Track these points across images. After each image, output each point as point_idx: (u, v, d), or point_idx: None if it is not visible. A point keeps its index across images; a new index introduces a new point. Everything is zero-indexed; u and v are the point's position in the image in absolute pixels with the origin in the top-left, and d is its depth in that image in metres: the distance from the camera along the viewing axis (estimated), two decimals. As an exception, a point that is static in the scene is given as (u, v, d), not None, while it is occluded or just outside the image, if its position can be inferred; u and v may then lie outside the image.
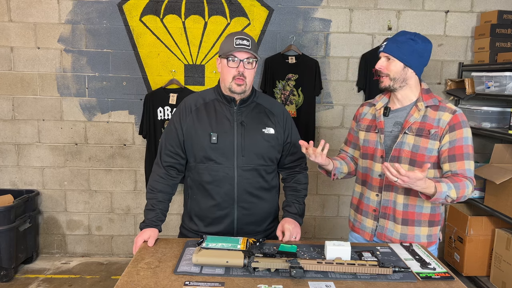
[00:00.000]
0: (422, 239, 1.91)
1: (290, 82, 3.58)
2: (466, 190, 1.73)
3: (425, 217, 1.90)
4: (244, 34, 1.87)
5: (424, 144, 1.81)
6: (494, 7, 3.56)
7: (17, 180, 3.77)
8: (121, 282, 1.51)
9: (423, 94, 1.87)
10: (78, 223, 3.84)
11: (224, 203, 1.93)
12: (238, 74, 1.84)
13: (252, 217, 1.97)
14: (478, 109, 3.34)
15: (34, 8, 3.54)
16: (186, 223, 2.06)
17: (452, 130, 1.79)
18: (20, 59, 3.60)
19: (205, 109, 1.95)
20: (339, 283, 1.52)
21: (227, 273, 1.57)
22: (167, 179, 1.98)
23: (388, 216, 1.92)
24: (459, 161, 1.79)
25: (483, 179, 3.29)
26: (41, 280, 3.40)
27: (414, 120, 1.84)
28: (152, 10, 3.55)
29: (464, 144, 1.79)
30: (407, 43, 1.83)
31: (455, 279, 1.58)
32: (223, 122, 1.91)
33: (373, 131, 1.95)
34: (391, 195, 1.90)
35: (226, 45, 1.86)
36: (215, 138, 1.88)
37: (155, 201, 1.95)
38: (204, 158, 1.91)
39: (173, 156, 1.97)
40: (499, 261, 3.17)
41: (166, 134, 2.00)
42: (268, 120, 1.96)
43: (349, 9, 3.60)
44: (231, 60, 1.84)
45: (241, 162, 1.90)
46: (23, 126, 3.69)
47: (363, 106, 2.06)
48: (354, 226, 2.08)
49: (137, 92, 3.65)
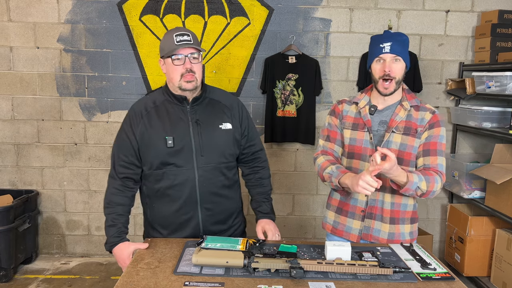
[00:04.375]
0: (406, 236, 1.93)
1: (290, 82, 3.57)
2: (435, 185, 1.77)
3: (408, 214, 1.93)
4: (182, 30, 1.82)
5: (411, 143, 1.84)
6: (494, 7, 3.55)
7: (17, 180, 3.76)
8: (120, 282, 1.50)
9: (407, 94, 1.91)
10: (78, 223, 3.83)
11: (186, 206, 1.88)
12: (186, 71, 1.78)
13: (217, 216, 1.93)
14: (479, 109, 3.33)
15: (33, 7, 3.53)
16: (149, 233, 1.98)
17: (431, 127, 1.85)
18: (20, 59, 3.60)
19: (156, 112, 1.86)
20: (340, 283, 1.51)
21: (227, 273, 1.56)
22: (125, 191, 1.89)
23: (375, 216, 1.90)
24: (432, 156, 1.83)
25: (484, 179, 3.28)
26: (40, 281, 3.40)
27: (400, 119, 1.86)
28: (152, 10, 3.55)
29: (439, 141, 1.85)
30: (406, 43, 1.83)
31: (456, 279, 1.58)
32: (178, 124, 1.84)
33: (361, 130, 1.90)
34: (378, 194, 1.89)
35: (167, 44, 1.80)
36: (171, 142, 1.81)
37: (114, 215, 1.85)
38: (161, 164, 1.84)
39: (128, 167, 1.88)
40: (499, 262, 3.16)
41: (117, 145, 1.90)
42: (223, 115, 1.91)
43: (349, 9, 3.60)
44: (175, 59, 1.78)
45: (201, 162, 1.85)
46: (23, 126, 3.69)
47: (343, 104, 1.99)
48: (335, 228, 2.00)
49: (136, 92, 3.65)
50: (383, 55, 1.80)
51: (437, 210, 3.87)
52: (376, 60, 1.83)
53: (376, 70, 1.83)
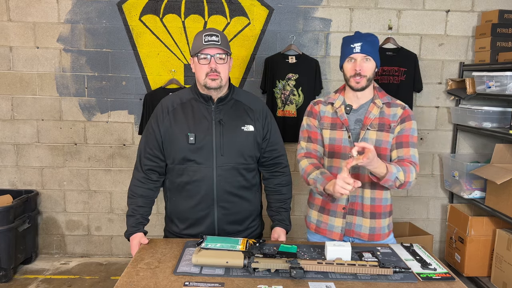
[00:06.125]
0: (386, 229, 1.99)
1: (290, 81, 3.57)
2: (411, 175, 1.83)
3: (388, 208, 1.99)
4: (212, 30, 1.87)
5: (386, 138, 1.92)
6: (495, 7, 3.55)
7: (16, 180, 3.76)
8: (120, 282, 1.50)
9: (378, 92, 1.97)
10: (78, 223, 3.83)
11: (203, 203, 1.92)
12: (211, 71, 1.83)
13: (233, 216, 1.96)
14: (479, 109, 3.33)
15: (33, 7, 3.53)
16: (168, 225, 2.06)
17: (403, 122, 1.93)
18: (19, 59, 3.59)
19: (182, 109, 1.92)
20: (340, 283, 1.51)
21: (227, 273, 1.56)
22: (147, 183, 1.96)
23: (356, 212, 1.95)
24: (405, 147, 1.90)
25: (484, 179, 3.28)
26: (40, 281, 3.39)
27: (374, 117, 1.92)
28: (152, 10, 3.54)
29: (411, 134, 1.92)
30: (376, 44, 1.91)
31: (456, 279, 1.58)
32: (201, 122, 1.89)
33: (339, 129, 1.95)
34: (358, 190, 1.93)
35: (196, 43, 1.86)
36: (192, 139, 1.87)
37: (135, 206, 1.94)
38: (182, 159, 1.90)
39: (153, 159, 1.95)
40: (500, 262, 3.16)
41: (145, 138, 1.97)
42: (247, 117, 1.94)
43: (349, 9, 3.59)
44: (202, 58, 1.83)
45: (221, 162, 1.89)
46: (22, 126, 3.68)
47: (319, 104, 2.04)
48: (318, 227, 2.04)
49: (136, 92, 3.64)
50: (354, 55, 1.88)
51: (437, 210, 3.87)
52: (347, 60, 1.90)
53: (348, 69, 1.90)
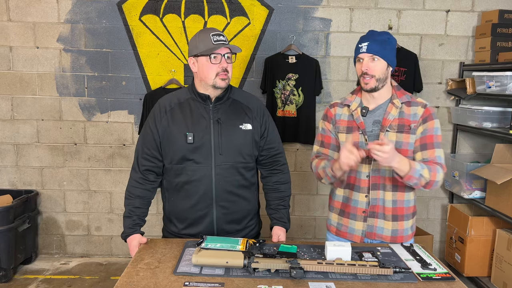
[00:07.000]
0: (409, 231, 1.96)
1: (290, 81, 3.57)
2: (437, 174, 1.78)
3: (411, 210, 1.95)
4: (217, 30, 1.88)
5: (406, 140, 1.86)
6: (495, 7, 3.55)
7: (16, 180, 3.76)
8: (120, 282, 1.50)
9: (396, 91, 1.92)
10: (77, 223, 3.83)
11: (202, 203, 1.91)
12: (222, 70, 1.84)
13: (232, 215, 1.95)
14: (479, 109, 3.32)
15: (33, 7, 3.53)
16: (166, 225, 2.05)
17: (425, 121, 1.86)
18: (19, 59, 3.59)
19: (180, 109, 1.92)
20: (340, 283, 1.51)
21: (227, 273, 1.56)
22: (145, 183, 1.95)
23: (377, 215, 1.91)
24: (430, 149, 1.85)
25: (484, 179, 3.28)
26: (40, 281, 3.39)
27: (393, 118, 1.87)
28: (152, 10, 3.54)
29: (435, 134, 1.86)
30: (387, 43, 1.85)
31: (456, 279, 1.58)
32: (199, 121, 1.89)
33: (356, 132, 1.91)
34: (378, 193, 1.90)
35: (203, 43, 1.84)
36: (191, 138, 1.87)
37: (132, 207, 1.94)
38: (181, 159, 1.89)
39: (151, 160, 1.94)
40: (500, 262, 3.16)
41: (142, 138, 1.97)
42: (245, 116, 1.94)
43: (349, 9, 3.59)
44: (214, 57, 1.83)
45: (219, 161, 1.89)
46: (22, 126, 3.68)
47: (335, 107, 2.00)
48: (339, 230, 2.01)
49: (136, 92, 3.64)
50: (361, 54, 1.86)
51: (438, 210, 3.87)
52: (357, 60, 1.89)
53: (357, 69, 1.89)
